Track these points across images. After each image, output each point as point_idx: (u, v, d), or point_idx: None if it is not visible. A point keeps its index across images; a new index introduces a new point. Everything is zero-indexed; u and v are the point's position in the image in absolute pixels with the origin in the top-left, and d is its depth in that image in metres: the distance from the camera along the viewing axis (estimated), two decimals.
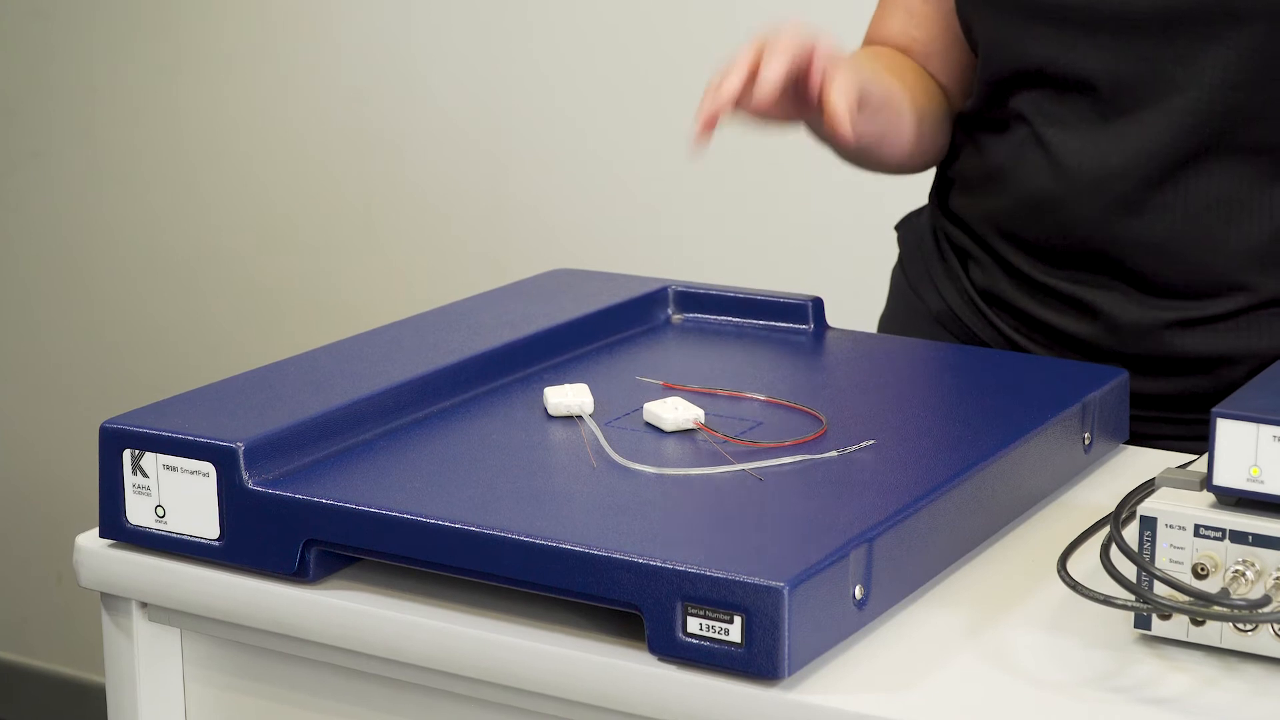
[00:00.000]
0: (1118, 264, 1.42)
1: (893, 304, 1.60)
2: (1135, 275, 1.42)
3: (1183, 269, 1.40)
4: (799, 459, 1.14)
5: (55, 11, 2.92)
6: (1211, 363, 1.41)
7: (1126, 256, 1.41)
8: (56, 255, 3.02)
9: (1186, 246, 1.39)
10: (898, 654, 1.02)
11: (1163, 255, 1.40)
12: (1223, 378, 1.40)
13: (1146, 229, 1.40)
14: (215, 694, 1.18)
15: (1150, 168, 1.38)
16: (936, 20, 1.55)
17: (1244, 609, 0.97)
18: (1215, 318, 1.41)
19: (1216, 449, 0.99)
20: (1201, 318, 1.41)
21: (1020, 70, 1.44)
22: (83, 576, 1.17)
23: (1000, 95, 1.46)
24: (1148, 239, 1.40)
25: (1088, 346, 1.44)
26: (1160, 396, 1.43)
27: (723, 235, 2.45)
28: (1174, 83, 1.37)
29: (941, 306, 1.53)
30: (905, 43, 1.56)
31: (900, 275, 1.59)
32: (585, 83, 2.53)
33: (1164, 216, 1.39)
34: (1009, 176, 1.46)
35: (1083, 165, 1.41)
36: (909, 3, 1.56)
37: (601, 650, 1.02)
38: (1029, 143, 1.44)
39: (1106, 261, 1.42)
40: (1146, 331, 1.42)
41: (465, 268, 2.66)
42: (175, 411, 1.15)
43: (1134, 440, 1.37)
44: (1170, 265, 1.40)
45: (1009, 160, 1.46)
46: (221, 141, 2.83)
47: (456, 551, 1.04)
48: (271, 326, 2.84)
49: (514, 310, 1.37)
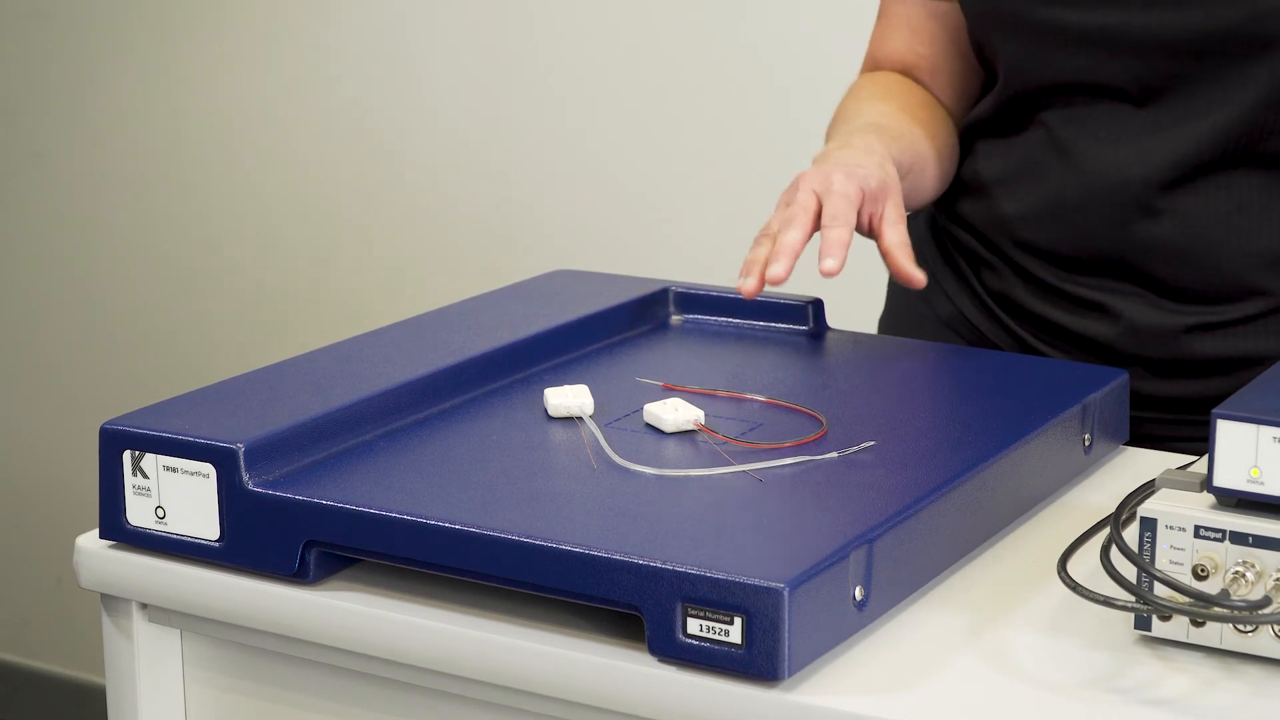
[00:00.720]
0: (1135, 269, 1.42)
1: (892, 308, 1.60)
2: (1153, 280, 1.41)
3: (1201, 274, 1.40)
4: (799, 460, 1.14)
5: (55, 11, 2.92)
6: (1231, 365, 1.41)
7: (1144, 261, 1.41)
8: (56, 256, 3.02)
9: (1204, 252, 1.39)
10: (898, 655, 1.02)
11: (1181, 260, 1.40)
12: (1242, 380, 1.40)
13: (1165, 234, 1.39)
14: (215, 694, 1.18)
15: (1171, 175, 1.38)
16: (940, 36, 1.54)
17: (1244, 610, 0.97)
18: (1234, 321, 1.41)
19: (1217, 450, 0.99)
20: (1220, 321, 1.41)
21: (1046, 85, 1.43)
22: (83, 577, 1.17)
23: (1021, 106, 1.46)
24: (1166, 244, 1.40)
25: (1106, 350, 1.44)
26: (1180, 399, 1.43)
27: (723, 236, 2.45)
28: (1202, 100, 1.37)
29: (951, 311, 1.52)
30: (911, 59, 1.55)
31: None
32: (585, 84, 2.53)
33: (1182, 222, 1.39)
34: (1025, 181, 1.46)
35: (1103, 170, 1.40)
36: (911, 20, 1.55)
37: (601, 651, 1.02)
38: (1047, 148, 1.44)
39: (1124, 267, 1.42)
40: (1166, 335, 1.42)
41: (465, 269, 2.66)
42: (175, 412, 1.15)
43: (1153, 443, 1.37)
44: (1188, 270, 1.40)
45: (1024, 165, 1.45)
46: (221, 142, 2.83)
47: (456, 552, 1.04)
48: (271, 327, 2.84)
49: (514, 311, 1.37)
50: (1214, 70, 1.36)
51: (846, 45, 2.33)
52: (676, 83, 2.47)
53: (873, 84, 1.55)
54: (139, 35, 2.87)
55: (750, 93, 2.42)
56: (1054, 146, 1.43)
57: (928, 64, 1.55)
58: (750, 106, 2.42)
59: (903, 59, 1.55)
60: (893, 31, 1.56)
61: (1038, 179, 1.44)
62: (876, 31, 1.58)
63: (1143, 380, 1.43)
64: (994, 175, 1.48)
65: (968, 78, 1.55)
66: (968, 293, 1.52)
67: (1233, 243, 1.39)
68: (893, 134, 1.43)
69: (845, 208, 1.29)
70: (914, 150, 1.45)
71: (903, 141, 1.44)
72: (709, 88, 2.44)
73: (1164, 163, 1.38)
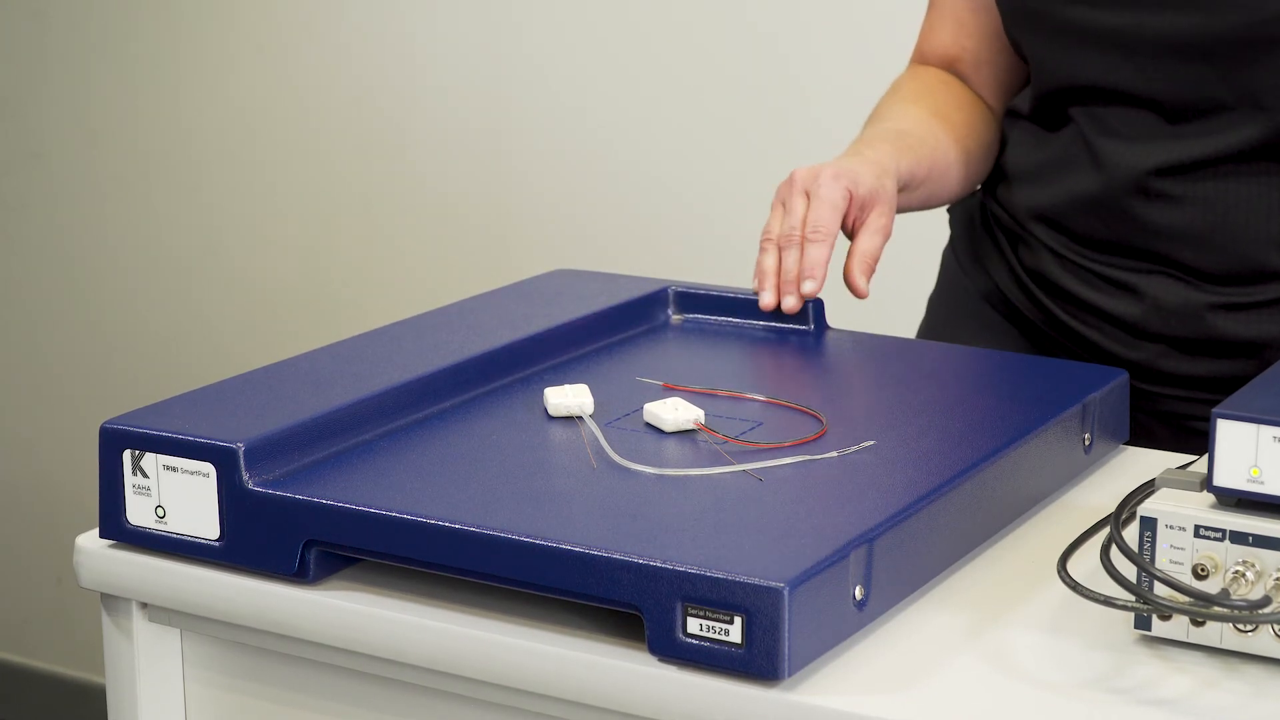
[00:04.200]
0: (1160, 254, 1.44)
1: (942, 284, 1.64)
2: (1178, 263, 1.44)
3: (1222, 258, 1.42)
4: (799, 459, 1.14)
5: (54, 11, 2.92)
6: (1256, 347, 1.43)
7: (1166, 246, 1.43)
8: (56, 255, 3.02)
9: (1225, 237, 1.41)
10: (898, 655, 1.02)
11: (1203, 246, 1.42)
12: (1267, 361, 1.42)
13: (1185, 221, 1.42)
14: (215, 694, 1.18)
15: (1195, 169, 1.41)
16: (986, 30, 1.58)
17: (1244, 610, 0.97)
18: (1258, 304, 1.42)
19: (1217, 449, 0.99)
20: (1244, 303, 1.43)
21: (1069, 86, 1.46)
22: (83, 577, 1.16)
23: (1052, 104, 1.49)
24: (1186, 230, 1.42)
25: (1134, 328, 1.46)
26: (1205, 378, 1.45)
27: (723, 235, 2.45)
28: (1220, 101, 1.39)
29: (990, 286, 1.56)
30: (956, 52, 1.60)
31: (950, 256, 1.63)
32: (586, 83, 2.53)
33: (1202, 208, 1.41)
34: (1056, 175, 1.49)
35: (1128, 166, 1.43)
36: (958, 14, 1.60)
37: (601, 650, 1.02)
38: (1078, 145, 1.47)
39: (1151, 252, 1.44)
40: (1191, 313, 1.43)
41: (465, 268, 2.66)
42: (175, 412, 1.15)
43: (1177, 421, 1.38)
44: (1209, 254, 1.42)
45: (1058, 160, 1.49)
46: (221, 141, 2.83)
47: (456, 552, 1.04)
48: (271, 327, 2.84)
49: (514, 310, 1.37)
50: (1228, 73, 1.37)
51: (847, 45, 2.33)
52: (677, 83, 2.47)
53: (913, 81, 1.61)
54: (139, 35, 2.87)
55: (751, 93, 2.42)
56: (1084, 145, 1.46)
57: (971, 56, 1.60)
58: (751, 106, 2.42)
59: (948, 51, 1.61)
60: (940, 24, 1.62)
61: (1068, 173, 1.48)
62: (926, 23, 1.64)
63: (1168, 358, 1.44)
64: (1029, 167, 1.52)
65: (1012, 71, 1.60)
66: (1006, 268, 1.55)
67: (1253, 227, 1.40)
68: (913, 141, 1.49)
69: (829, 215, 1.38)
70: (933, 159, 1.50)
71: (922, 150, 1.49)
72: (710, 88, 2.44)
73: (1186, 160, 1.41)
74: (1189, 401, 1.45)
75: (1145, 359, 1.45)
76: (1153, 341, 1.45)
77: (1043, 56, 1.48)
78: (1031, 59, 1.50)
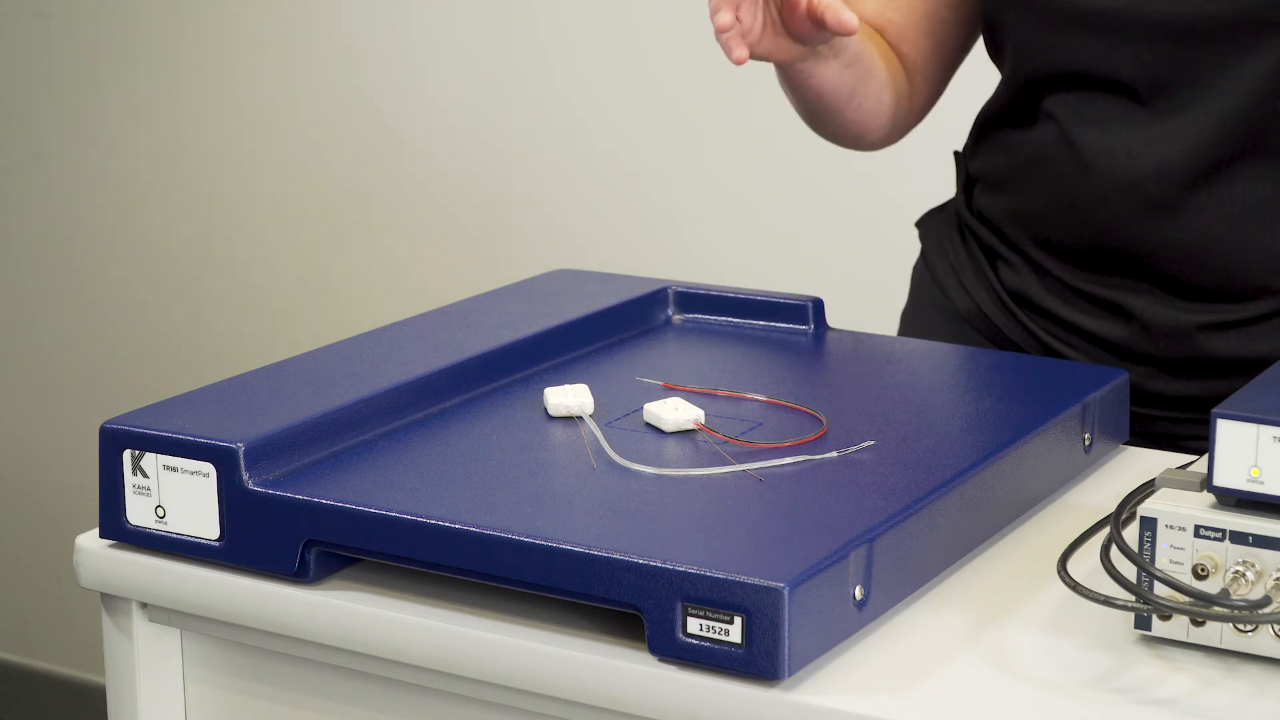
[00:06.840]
0: (1149, 268, 1.42)
1: (915, 301, 1.60)
2: (1167, 278, 1.41)
3: (1214, 272, 1.40)
4: (799, 459, 1.14)
5: (55, 11, 2.92)
6: (1245, 365, 1.40)
7: (1158, 260, 1.41)
8: (56, 256, 3.02)
9: (1218, 250, 1.39)
10: (898, 655, 1.02)
11: (1194, 259, 1.40)
12: None
13: (1178, 232, 1.39)
14: (215, 694, 1.18)
15: (1182, 171, 1.38)
16: (914, 5, 1.54)
17: (1244, 610, 0.97)
18: (1248, 320, 1.40)
19: (1217, 449, 0.99)
20: (1234, 320, 1.41)
21: (1054, 73, 1.43)
22: (83, 577, 1.17)
23: (1031, 95, 1.46)
24: (1179, 242, 1.40)
25: (1121, 349, 1.44)
26: (1194, 399, 1.43)
27: (723, 235, 2.46)
28: (1210, 88, 1.36)
29: (970, 306, 1.53)
30: (881, 24, 1.55)
31: (924, 272, 1.58)
32: (586, 83, 2.53)
33: (1195, 220, 1.39)
34: (1037, 177, 1.46)
35: (1114, 168, 1.40)
36: None
37: (601, 650, 1.02)
38: (1058, 143, 1.44)
39: (1138, 265, 1.42)
40: (1180, 334, 1.42)
41: (465, 268, 2.66)
42: (175, 412, 1.15)
43: (1167, 442, 1.37)
44: (1202, 269, 1.40)
45: (1037, 160, 1.46)
46: (221, 141, 2.83)
47: (456, 552, 1.04)
48: (271, 327, 2.84)
49: (514, 310, 1.37)
50: (1219, 58, 1.35)
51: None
52: (677, 83, 2.47)
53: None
54: (139, 35, 2.87)
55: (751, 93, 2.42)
56: (1064, 140, 1.43)
57: (897, 30, 1.54)
58: (751, 106, 2.41)
59: (874, 22, 1.55)
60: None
61: (1049, 174, 1.45)
62: None
63: (1157, 379, 1.43)
64: (1008, 169, 1.49)
65: (931, 53, 1.55)
66: (985, 288, 1.52)
67: (1245, 242, 1.39)
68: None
69: None
70: (861, 47, 1.45)
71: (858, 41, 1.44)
72: (710, 88, 2.44)
73: (1173, 157, 1.38)
74: (1180, 422, 1.43)
75: (1133, 381, 1.42)
76: (1140, 363, 1.43)
77: (1029, 40, 1.44)
78: (1012, 45, 1.46)
